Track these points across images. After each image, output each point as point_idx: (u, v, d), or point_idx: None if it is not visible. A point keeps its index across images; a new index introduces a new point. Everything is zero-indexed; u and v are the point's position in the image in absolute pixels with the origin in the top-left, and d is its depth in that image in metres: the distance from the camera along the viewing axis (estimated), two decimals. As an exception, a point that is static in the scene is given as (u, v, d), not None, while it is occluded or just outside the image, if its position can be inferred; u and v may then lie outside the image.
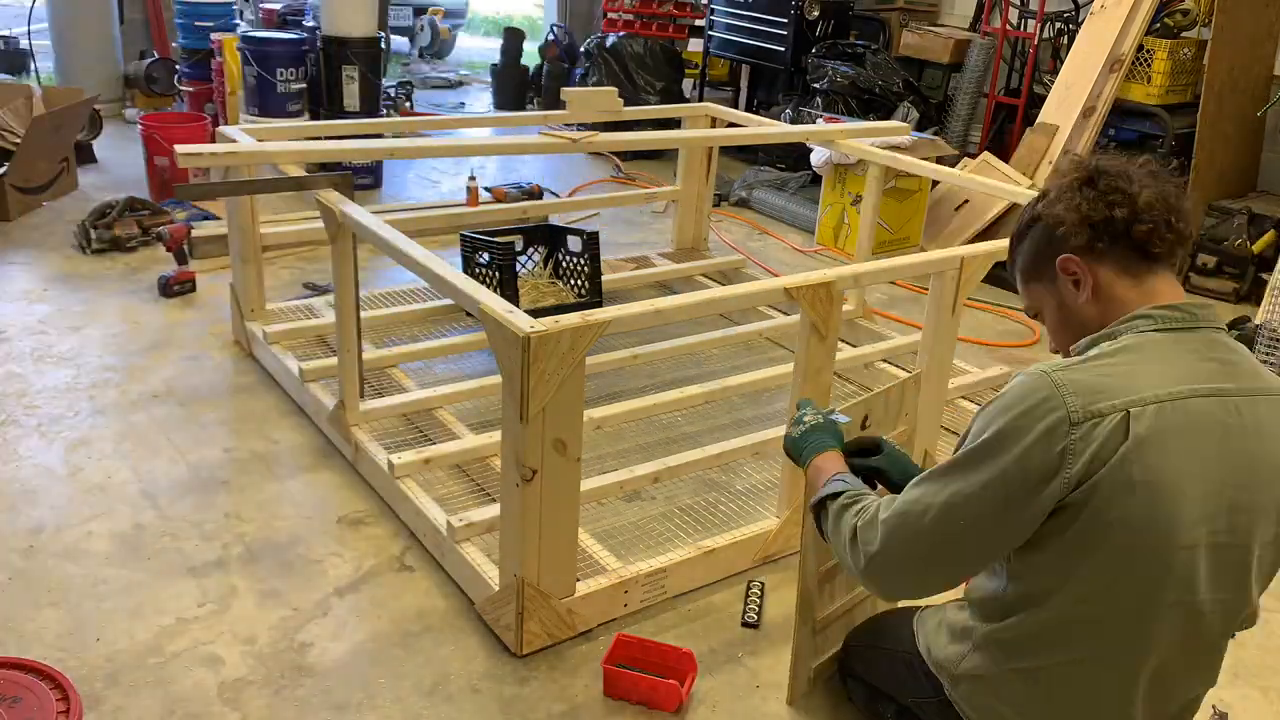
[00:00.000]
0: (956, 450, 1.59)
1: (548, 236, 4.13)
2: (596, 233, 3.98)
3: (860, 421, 2.11)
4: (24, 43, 7.65)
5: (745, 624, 2.54)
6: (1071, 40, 5.62)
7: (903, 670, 1.95)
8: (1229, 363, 1.52)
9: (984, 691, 1.72)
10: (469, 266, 3.85)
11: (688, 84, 7.77)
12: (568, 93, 4.30)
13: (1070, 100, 5.35)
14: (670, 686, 2.22)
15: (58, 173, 5.35)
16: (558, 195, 5.87)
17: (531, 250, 4.10)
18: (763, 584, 2.65)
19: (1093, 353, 1.54)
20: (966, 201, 5.55)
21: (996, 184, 4.04)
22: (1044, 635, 1.61)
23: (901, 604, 2.17)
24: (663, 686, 2.23)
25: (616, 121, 4.37)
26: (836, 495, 1.77)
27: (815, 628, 2.21)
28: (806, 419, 2.00)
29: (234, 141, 3.40)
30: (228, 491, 2.95)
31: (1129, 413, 1.43)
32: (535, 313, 2.24)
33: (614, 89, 4.52)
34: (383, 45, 6.11)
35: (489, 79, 9.08)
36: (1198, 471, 1.46)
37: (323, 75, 5.73)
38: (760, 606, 2.58)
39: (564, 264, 4.09)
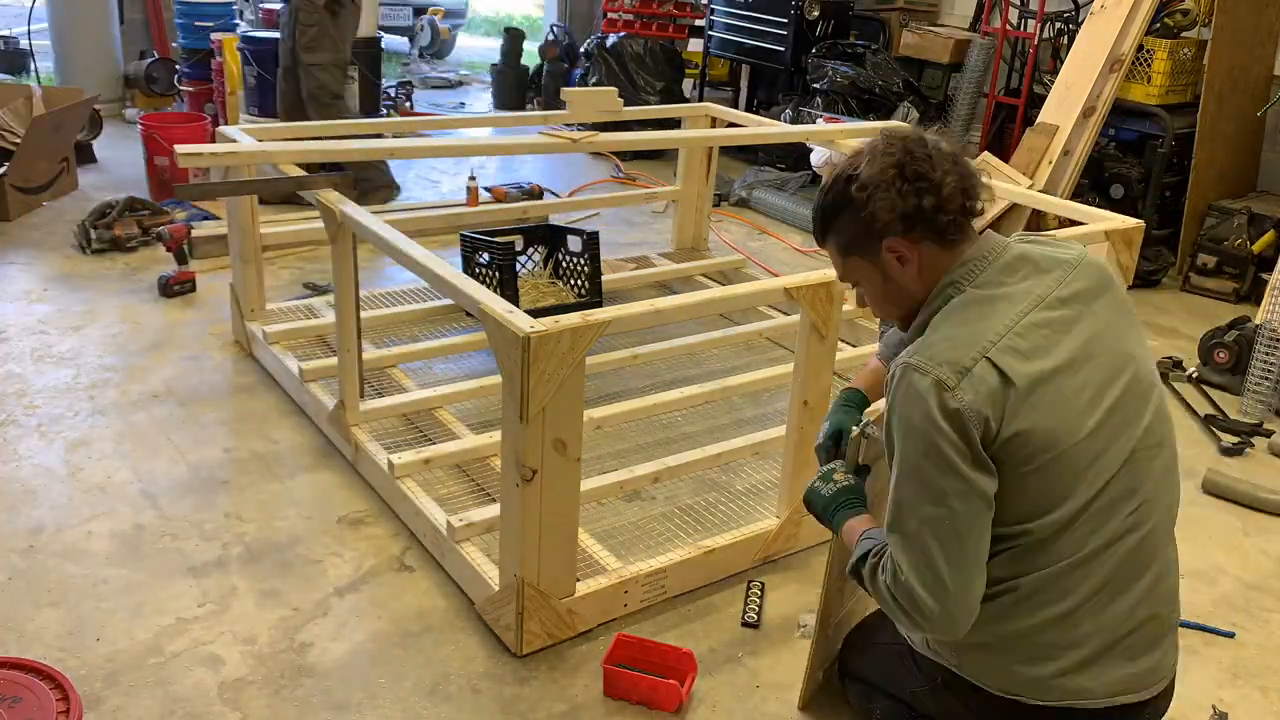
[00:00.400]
0: (891, 463, 1.68)
1: (548, 236, 4.13)
2: (596, 233, 3.98)
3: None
4: (24, 43, 7.66)
5: (745, 624, 2.54)
6: (1071, 40, 5.62)
7: (896, 663, 1.97)
8: (1031, 271, 1.69)
9: (992, 654, 1.75)
10: (469, 266, 3.85)
11: (688, 84, 7.77)
12: (568, 93, 4.31)
13: (1070, 100, 5.35)
14: (670, 686, 2.22)
15: (58, 173, 5.35)
16: (557, 195, 5.87)
17: (531, 250, 4.10)
18: (763, 584, 2.65)
19: (929, 331, 1.67)
20: (966, 201, 5.54)
21: (996, 184, 4.03)
22: (1030, 571, 1.67)
23: None
24: (663, 686, 2.23)
25: (616, 121, 4.37)
26: (865, 557, 1.78)
27: (830, 632, 2.20)
28: (836, 477, 1.97)
29: (234, 141, 3.40)
30: (228, 491, 2.95)
31: (988, 358, 1.58)
32: (535, 313, 2.24)
33: (614, 89, 4.52)
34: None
35: (489, 79, 9.09)
36: (1064, 365, 1.62)
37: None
38: (760, 606, 2.58)
39: (564, 264, 4.09)
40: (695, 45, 7.83)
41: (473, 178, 5.37)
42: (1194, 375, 4.16)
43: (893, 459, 1.67)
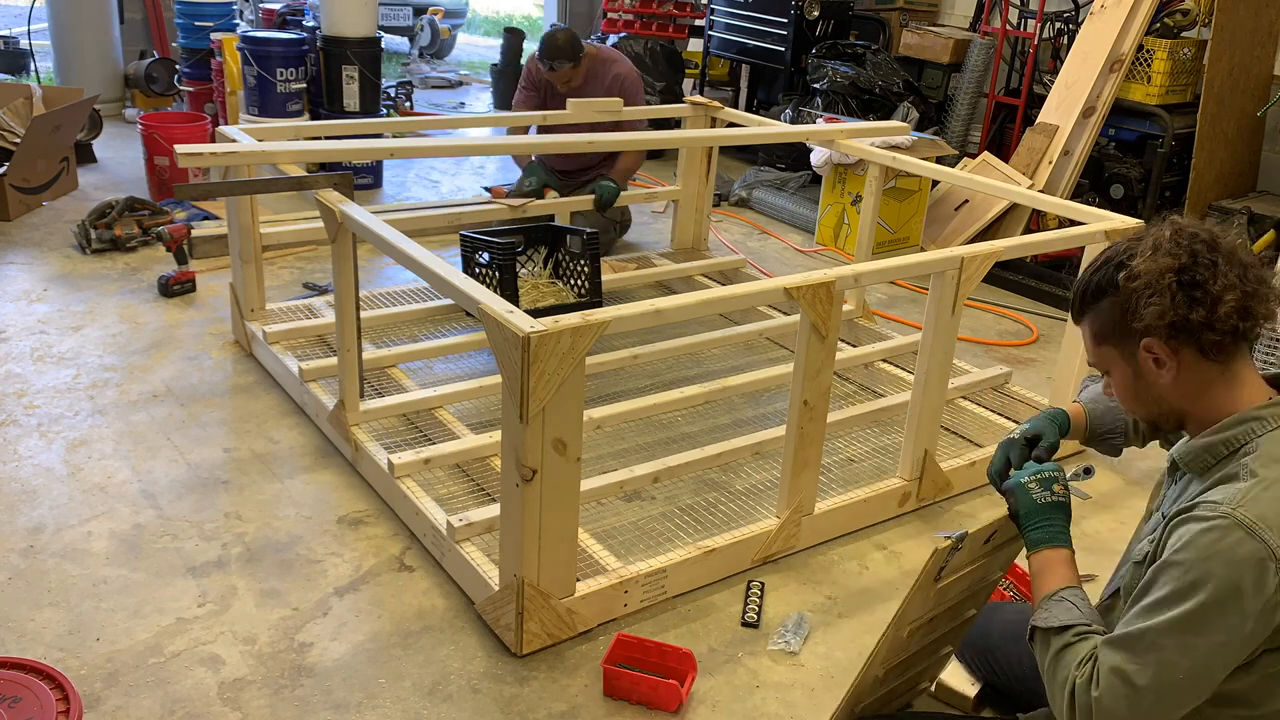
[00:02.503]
0: (1148, 596, 1.51)
1: (548, 236, 4.13)
2: (596, 233, 3.97)
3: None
4: (24, 43, 7.66)
5: (745, 624, 2.54)
6: (1071, 40, 5.62)
7: None
8: None
9: None
10: (469, 266, 3.85)
11: (688, 84, 7.77)
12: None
13: (1070, 100, 5.35)
14: (670, 686, 2.22)
15: (58, 173, 5.35)
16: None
17: (531, 250, 4.10)
18: (763, 584, 2.65)
19: (1247, 480, 1.48)
20: (966, 201, 5.55)
21: (996, 184, 4.04)
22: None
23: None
24: (663, 686, 2.22)
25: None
26: (1066, 629, 1.60)
27: (880, 677, 1.97)
28: (1057, 490, 1.75)
29: (234, 141, 3.40)
30: (228, 491, 2.95)
31: None
32: (535, 313, 2.24)
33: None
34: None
35: (489, 79, 9.08)
36: None
37: (323, 75, 5.74)
38: (760, 606, 2.58)
39: (564, 264, 4.09)
40: (695, 45, 7.83)
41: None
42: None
43: (1154, 592, 1.49)
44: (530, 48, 9.07)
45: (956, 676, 2.26)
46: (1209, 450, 1.57)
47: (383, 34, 6.04)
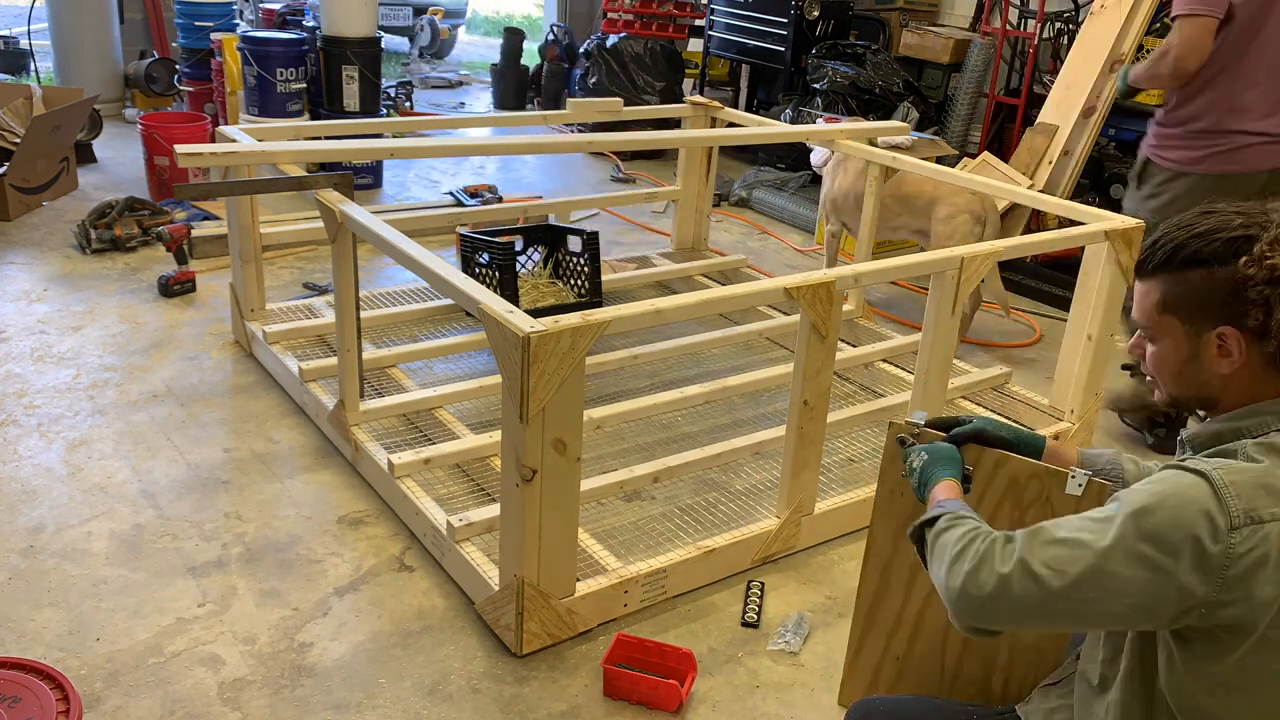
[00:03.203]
0: (1098, 510, 1.47)
1: (548, 236, 4.13)
2: (596, 233, 3.98)
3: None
4: (24, 43, 7.66)
5: (745, 624, 2.54)
6: (1071, 40, 5.62)
7: None
8: None
9: None
10: (469, 266, 3.85)
11: (688, 84, 7.78)
12: (572, 103, 4.36)
13: (1070, 100, 5.35)
14: (670, 686, 2.22)
15: (58, 173, 5.35)
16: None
17: (531, 250, 4.10)
18: (763, 584, 2.65)
19: (1243, 457, 1.44)
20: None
21: (996, 184, 4.04)
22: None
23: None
24: (663, 686, 2.22)
25: (616, 121, 4.38)
26: (935, 519, 1.58)
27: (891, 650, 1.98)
28: (912, 461, 1.77)
29: (234, 141, 3.40)
30: (228, 491, 2.95)
31: None
32: (535, 313, 2.24)
33: (619, 99, 4.54)
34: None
35: (489, 79, 9.09)
36: None
37: (323, 75, 5.74)
38: (760, 607, 2.58)
39: (564, 264, 4.09)
40: (695, 45, 7.84)
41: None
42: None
43: (1106, 508, 1.45)
44: (530, 48, 9.09)
45: None
46: (1218, 436, 1.51)
47: (383, 34, 6.04)
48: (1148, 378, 1.59)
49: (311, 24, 6.07)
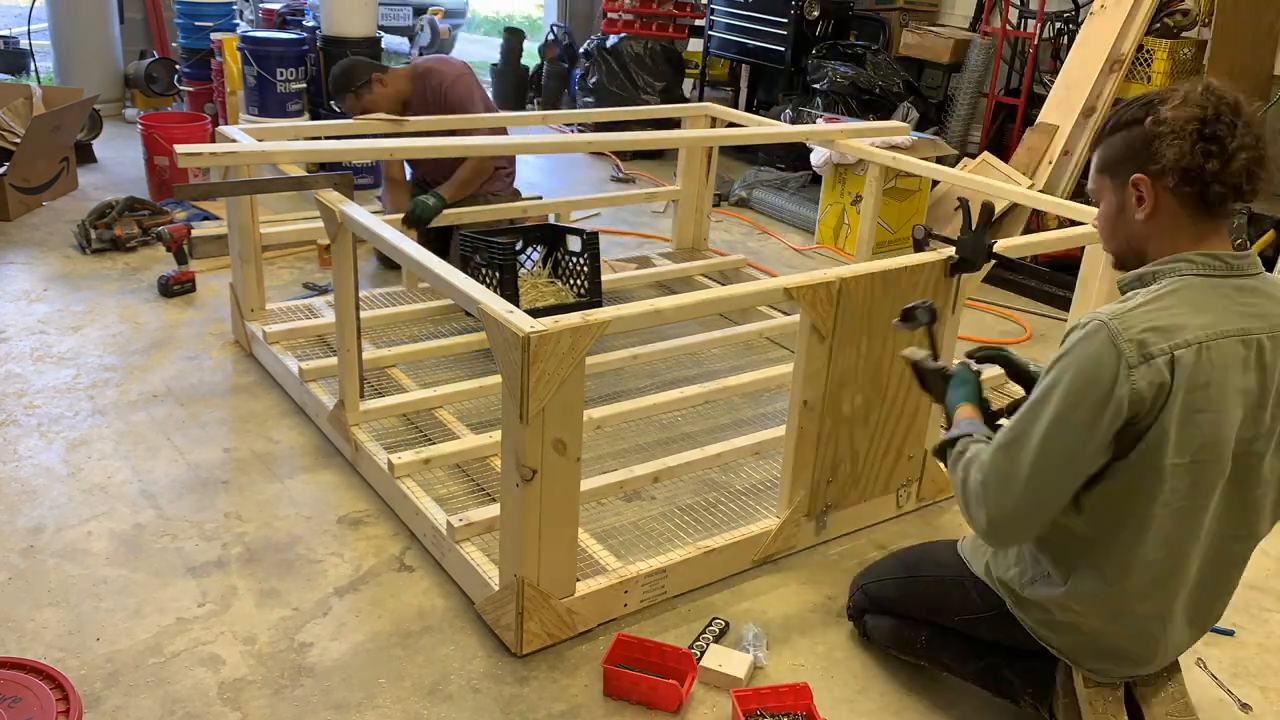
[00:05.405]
0: (1028, 400, 1.80)
1: (547, 236, 4.12)
2: (596, 233, 3.97)
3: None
4: (24, 43, 7.66)
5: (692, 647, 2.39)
6: (1071, 40, 5.62)
7: (952, 592, 2.14)
8: (1257, 305, 1.72)
9: (1051, 610, 1.96)
10: (468, 266, 3.85)
11: (688, 84, 7.77)
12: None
13: (1070, 100, 5.35)
14: (670, 686, 2.22)
15: (58, 173, 5.35)
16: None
17: (531, 250, 4.10)
18: (726, 623, 2.51)
19: (1139, 298, 1.72)
20: (966, 201, 5.54)
21: (996, 184, 4.04)
22: (1112, 550, 1.84)
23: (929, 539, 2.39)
24: (663, 686, 2.22)
25: (616, 121, 4.37)
26: (964, 436, 1.92)
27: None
28: (935, 384, 2.13)
29: (234, 141, 3.40)
30: (228, 491, 2.95)
31: (1174, 355, 1.65)
32: (535, 313, 2.24)
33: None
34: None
35: (489, 79, 9.08)
36: (1230, 401, 1.70)
37: (323, 75, 5.74)
38: (711, 642, 2.43)
39: (564, 264, 4.09)
40: (695, 45, 7.84)
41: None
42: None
43: (1032, 394, 1.78)
44: (530, 48, 9.09)
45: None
46: (1139, 278, 1.78)
47: (383, 34, 6.04)
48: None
49: (311, 24, 6.06)
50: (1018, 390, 2.53)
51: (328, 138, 4.28)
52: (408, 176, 4.77)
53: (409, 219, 4.07)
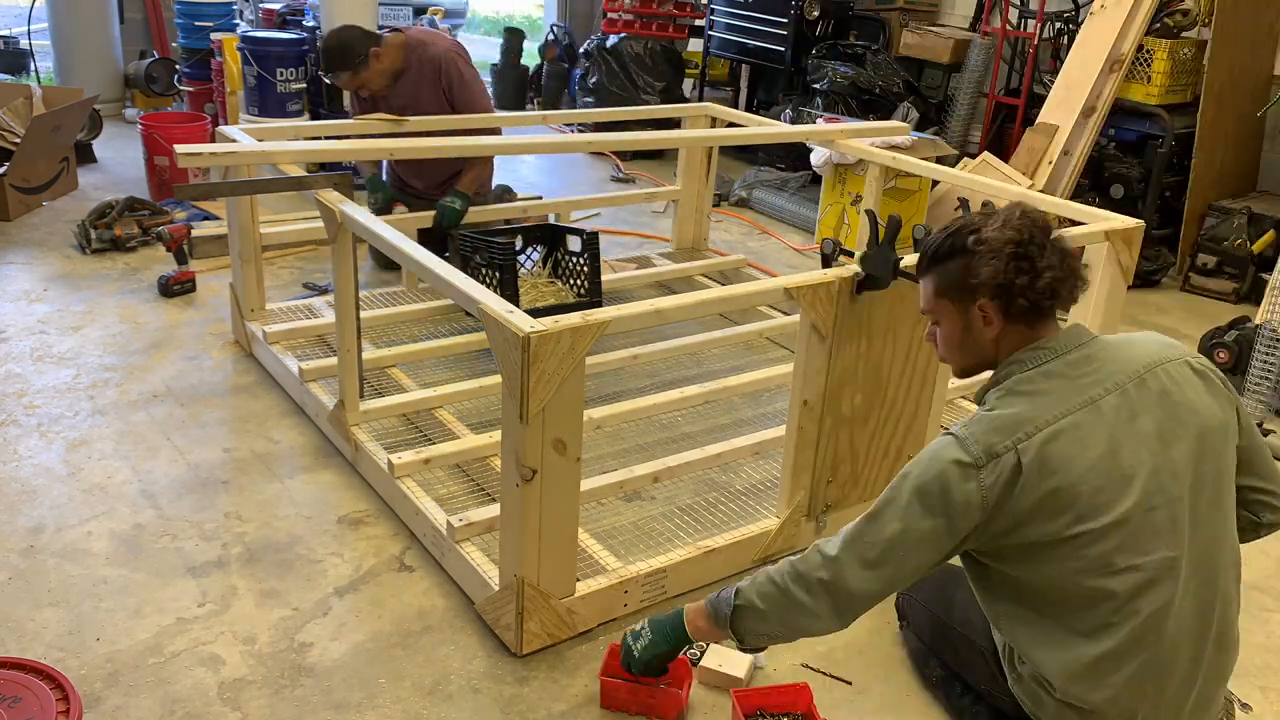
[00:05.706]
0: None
1: (547, 236, 4.12)
2: (596, 233, 3.97)
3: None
4: (24, 43, 7.66)
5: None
6: (1071, 40, 5.62)
7: (978, 660, 2.12)
8: (1095, 369, 1.82)
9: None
10: (468, 266, 3.85)
11: (688, 84, 7.77)
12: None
13: (1070, 100, 5.35)
14: (671, 694, 2.21)
15: (58, 173, 5.35)
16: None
17: (531, 250, 4.10)
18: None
19: (986, 404, 1.86)
20: (967, 201, 5.54)
21: (996, 184, 4.04)
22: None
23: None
24: (663, 694, 2.21)
25: (616, 121, 4.37)
26: (739, 590, 2.01)
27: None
28: (636, 647, 2.17)
29: (234, 141, 3.40)
30: (228, 491, 2.95)
31: (1017, 448, 1.75)
32: (535, 313, 2.24)
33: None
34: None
35: (489, 79, 9.08)
36: (1094, 466, 1.75)
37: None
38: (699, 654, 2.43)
39: (564, 264, 4.09)
40: (695, 45, 7.83)
41: None
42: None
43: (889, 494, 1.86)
44: (530, 48, 9.09)
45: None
46: (985, 388, 1.91)
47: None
48: (940, 357, 2.00)
49: (311, 24, 6.07)
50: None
51: (328, 138, 4.28)
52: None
53: (439, 225, 4.13)
